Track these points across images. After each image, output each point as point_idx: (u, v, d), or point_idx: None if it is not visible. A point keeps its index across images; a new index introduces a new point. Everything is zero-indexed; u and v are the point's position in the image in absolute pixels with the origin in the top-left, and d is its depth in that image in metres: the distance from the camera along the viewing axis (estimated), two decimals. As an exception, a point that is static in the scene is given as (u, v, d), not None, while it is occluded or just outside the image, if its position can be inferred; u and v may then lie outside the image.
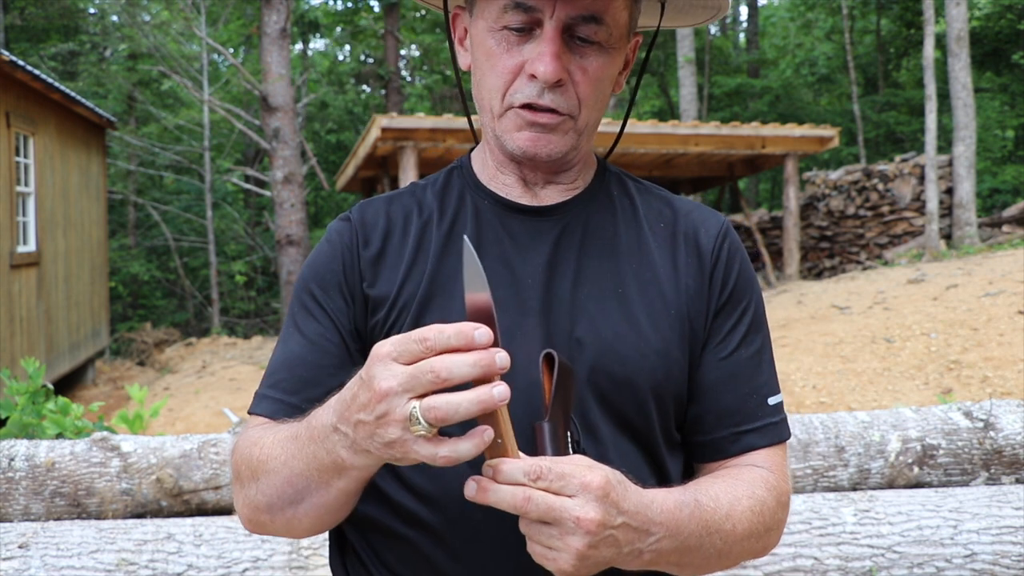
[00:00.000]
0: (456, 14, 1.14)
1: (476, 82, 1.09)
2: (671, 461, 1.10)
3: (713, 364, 1.10)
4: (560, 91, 1.03)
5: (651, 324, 1.07)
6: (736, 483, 1.05)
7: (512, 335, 1.05)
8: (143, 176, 21.36)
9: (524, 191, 1.13)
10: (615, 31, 1.04)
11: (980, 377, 6.10)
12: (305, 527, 1.00)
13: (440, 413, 0.77)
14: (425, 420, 0.78)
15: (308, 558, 2.48)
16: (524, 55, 1.03)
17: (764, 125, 12.12)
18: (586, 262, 1.09)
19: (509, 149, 1.07)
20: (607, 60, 1.05)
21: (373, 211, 1.15)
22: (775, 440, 1.11)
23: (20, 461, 2.87)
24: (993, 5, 15.49)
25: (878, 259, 13.11)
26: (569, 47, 1.02)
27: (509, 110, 1.05)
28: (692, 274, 1.11)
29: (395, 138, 10.45)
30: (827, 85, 23.26)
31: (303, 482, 0.94)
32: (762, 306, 1.16)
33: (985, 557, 2.52)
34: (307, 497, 0.95)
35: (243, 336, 17.34)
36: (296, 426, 0.95)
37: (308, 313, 1.11)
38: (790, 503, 1.12)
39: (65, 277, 10.71)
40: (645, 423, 1.07)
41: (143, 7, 20.01)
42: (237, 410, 7.64)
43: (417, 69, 25.58)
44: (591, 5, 1.00)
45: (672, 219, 1.15)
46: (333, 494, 0.93)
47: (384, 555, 1.08)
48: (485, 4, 1.04)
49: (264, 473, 0.98)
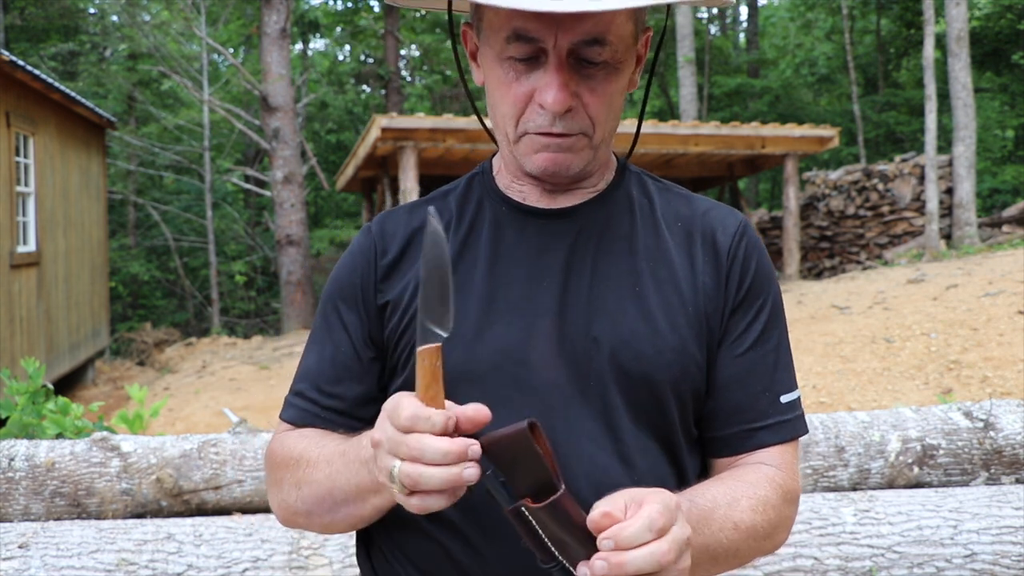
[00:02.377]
0: (465, 31, 1.14)
1: (490, 104, 1.10)
2: (689, 458, 1.12)
3: (728, 361, 1.11)
4: (571, 116, 1.03)
5: (668, 322, 1.08)
6: (736, 484, 1.06)
7: (527, 336, 1.06)
8: (143, 176, 21.36)
9: (542, 195, 1.14)
10: (620, 46, 1.03)
11: (980, 377, 6.10)
12: (340, 529, 1.09)
13: (409, 482, 0.85)
14: (399, 482, 0.86)
15: (308, 558, 2.48)
16: (532, 83, 1.03)
17: (764, 125, 12.13)
18: (603, 261, 1.10)
19: (528, 170, 1.09)
20: (615, 77, 1.05)
21: (394, 221, 1.17)
22: (787, 437, 1.12)
23: (20, 461, 2.87)
24: (993, 5, 15.49)
25: (878, 259, 13.11)
26: (576, 71, 1.02)
27: (524, 136, 1.06)
28: (709, 272, 1.11)
29: (395, 138, 10.45)
30: (827, 85, 23.27)
31: (343, 495, 1.02)
32: (780, 303, 1.17)
33: (985, 557, 2.52)
34: (344, 508, 1.04)
35: (243, 336, 17.33)
36: (345, 444, 1.03)
37: (328, 327, 1.16)
38: (799, 500, 1.13)
39: (65, 277, 10.71)
40: (665, 420, 1.08)
41: (143, 7, 20.01)
42: (237, 410, 7.64)
43: (417, 69, 25.58)
44: (592, 29, 0.99)
45: (690, 217, 1.15)
46: (368, 509, 1.02)
47: (407, 550, 1.10)
48: (490, 33, 1.04)
49: (307, 483, 1.06)
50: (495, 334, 1.06)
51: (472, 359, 1.06)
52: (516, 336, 1.06)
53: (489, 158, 1.22)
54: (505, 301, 1.08)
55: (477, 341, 1.06)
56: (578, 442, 1.04)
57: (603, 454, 1.05)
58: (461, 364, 1.05)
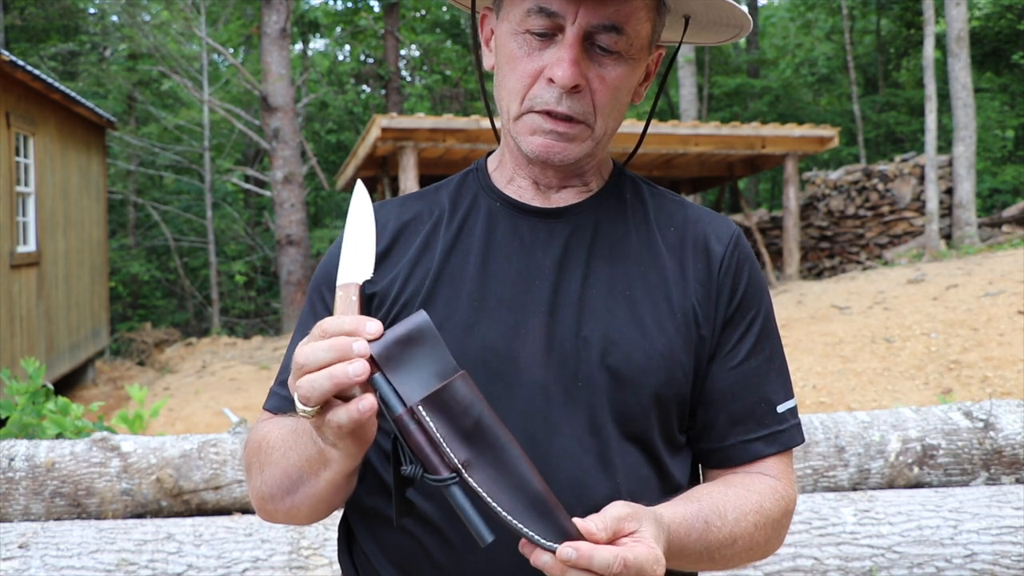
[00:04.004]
0: (484, 15, 1.16)
1: (497, 83, 1.11)
2: (673, 463, 1.12)
3: (722, 374, 1.12)
4: (577, 97, 1.04)
5: (657, 326, 1.08)
6: (747, 495, 1.07)
7: (516, 334, 1.06)
8: (143, 176, 21.36)
9: (536, 193, 1.15)
10: (636, 42, 1.05)
11: (980, 377, 6.10)
12: (304, 515, 1.07)
13: (302, 394, 0.84)
14: (298, 401, 0.85)
15: (308, 558, 2.48)
16: (544, 60, 1.04)
17: (764, 125, 12.12)
18: (595, 263, 1.10)
19: (524, 151, 1.09)
20: (626, 70, 1.06)
21: (385, 212, 1.18)
22: (783, 447, 1.13)
23: (20, 461, 2.87)
24: (993, 5, 15.49)
25: (878, 259, 13.11)
26: (589, 55, 1.04)
27: (527, 113, 1.07)
28: (700, 279, 1.12)
29: (395, 138, 10.45)
30: (827, 85, 23.26)
31: (297, 472, 1.01)
32: (772, 314, 1.18)
33: (985, 557, 2.52)
34: (300, 487, 1.02)
35: (243, 336, 17.33)
36: (296, 420, 1.02)
37: (313, 315, 1.16)
38: (794, 508, 1.15)
39: (65, 277, 10.71)
40: (645, 424, 1.08)
41: (143, 7, 20.01)
42: (237, 410, 7.64)
43: (417, 69, 25.57)
44: (613, 15, 1.02)
45: (683, 224, 1.16)
46: (322, 485, 0.99)
47: (388, 548, 1.09)
48: (510, 7, 1.06)
49: (268, 465, 1.06)
50: (484, 329, 1.07)
51: (460, 353, 1.05)
52: (505, 333, 1.06)
53: (484, 156, 1.23)
54: (496, 297, 1.08)
55: (466, 335, 1.06)
56: (561, 441, 1.04)
57: (585, 454, 1.05)
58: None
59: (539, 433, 1.03)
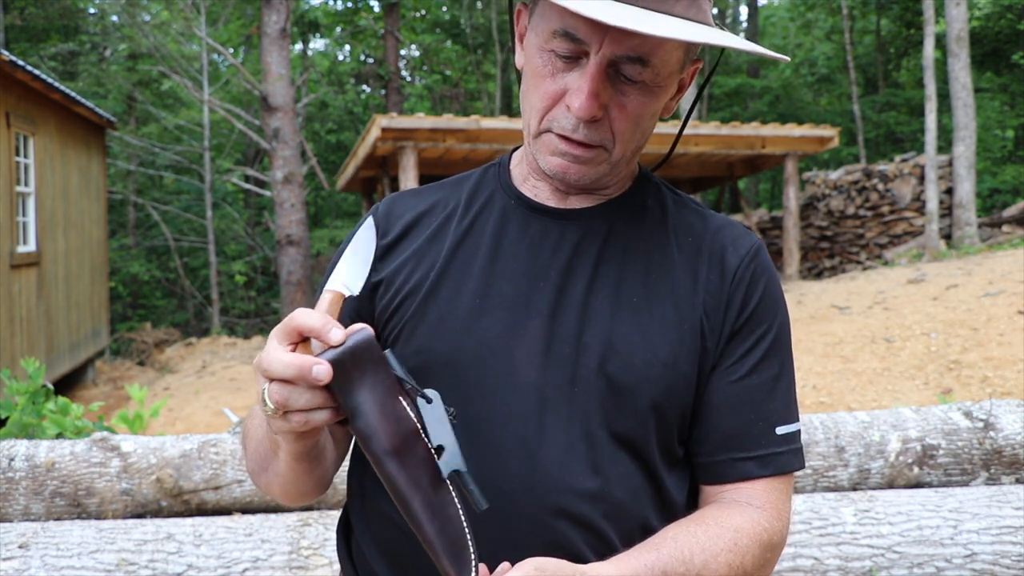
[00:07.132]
0: (520, 10, 1.13)
1: (523, 90, 1.09)
2: (670, 478, 1.09)
3: (722, 386, 1.08)
4: (595, 126, 1.02)
5: (662, 335, 1.06)
6: (721, 533, 1.02)
7: (515, 333, 1.05)
8: (143, 176, 21.36)
9: (552, 194, 1.13)
10: (663, 71, 1.01)
11: (980, 377, 6.09)
12: (277, 492, 1.09)
13: (277, 398, 0.86)
14: (270, 402, 0.86)
15: (308, 558, 2.48)
16: (567, 83, 1.01)
17: (764, 125, 12.12)
18: (604, 268, 1.08)
19: (541, 167, 1.08)
20: (650, 99, 1.03)
21: (402, 202, 1.19)
22: (777, 471, 1.09)
23: (20, 461, 2.87)
24: (993, 5, 15.49)
25: (878, 259, 13.11)
26: (612, 82, 1.00)
27: (546, 132, 1.05)
28: (711, 290, 1.09)
29: (395, 138, 10.45)
30: (827, 85, 23.27)
31: (264, 450, 1.04)
32: (787, 333, 1.13)
33: (985, 557, 2.52)
34: (269, 465, 1.04)
35: (243, 336, 17.34)
36: None
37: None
38: (783, 544, 1.09)
39: (65, 277, 10.71)
40: (643, 435, 1.05)
41: (143, 7, 20.01)
42: (237, 410, 7.64)
43: (417, 69, 25.57)
44: (639, 46, 0.98)
45: (702, 234, 1.13)
46: (282, 465, 1.01)
47: (384, 543, 1.09)
48: (540, 21, 1.03)
49: (249, 440, 1.10)
50: (484, 326, 1.06)
51: (458, 348, 1.05)
52: (504, 331, 1.05)
53: (511, 151, 1.21)
54: (499, 295, 1.07)
55: (465, 331, 1.06)
56: (552, 445, 1.02)
57: (576, 461, 1.02)
58: (447, 351, 1.05)
59: (530, 435, 1.02)
